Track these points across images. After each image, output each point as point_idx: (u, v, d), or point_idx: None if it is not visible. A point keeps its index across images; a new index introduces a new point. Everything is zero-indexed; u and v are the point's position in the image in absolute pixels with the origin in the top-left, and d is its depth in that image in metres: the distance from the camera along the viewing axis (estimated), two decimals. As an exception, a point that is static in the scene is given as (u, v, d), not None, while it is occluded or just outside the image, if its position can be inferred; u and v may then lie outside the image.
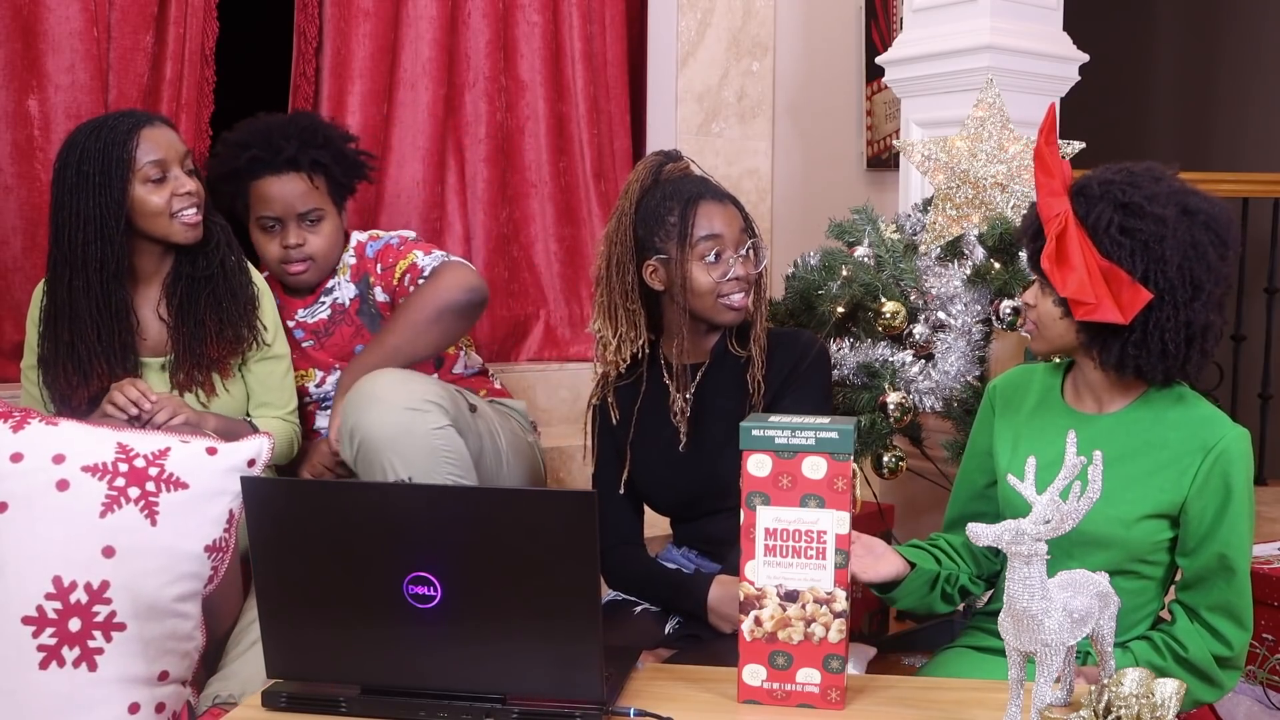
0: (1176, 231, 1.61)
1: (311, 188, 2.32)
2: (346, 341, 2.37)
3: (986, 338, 2.51)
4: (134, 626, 1.71)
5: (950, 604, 1.86)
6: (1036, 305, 1.74)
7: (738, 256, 1.96)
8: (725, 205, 1.98)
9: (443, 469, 2.06)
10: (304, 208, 2.31)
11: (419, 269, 2.29)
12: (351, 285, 2.38)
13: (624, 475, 2.06)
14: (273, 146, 2.30)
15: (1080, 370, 1.79)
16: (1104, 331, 1.65)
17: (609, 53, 3.64)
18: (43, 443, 1.76)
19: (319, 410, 2.41)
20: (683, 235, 1.94)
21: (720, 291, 1.95)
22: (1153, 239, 1.61)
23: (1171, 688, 1.32)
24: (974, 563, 1.87)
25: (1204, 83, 5.09)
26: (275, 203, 2.30)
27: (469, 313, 2.28)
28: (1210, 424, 1.69)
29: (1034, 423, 1.82)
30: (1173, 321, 1.62)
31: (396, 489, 1.87)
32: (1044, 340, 1.75)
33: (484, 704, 1.46)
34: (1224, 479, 1.66)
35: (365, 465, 2.08)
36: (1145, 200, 1.62)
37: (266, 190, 2.30)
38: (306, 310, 2.39)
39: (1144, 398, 1.74)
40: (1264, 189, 3.78)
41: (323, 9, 3.19)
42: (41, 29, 2.75)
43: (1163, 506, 1.69)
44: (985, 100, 2.57)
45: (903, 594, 1.77)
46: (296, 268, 2.33)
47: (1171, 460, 1.69)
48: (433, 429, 2.06)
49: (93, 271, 2.06)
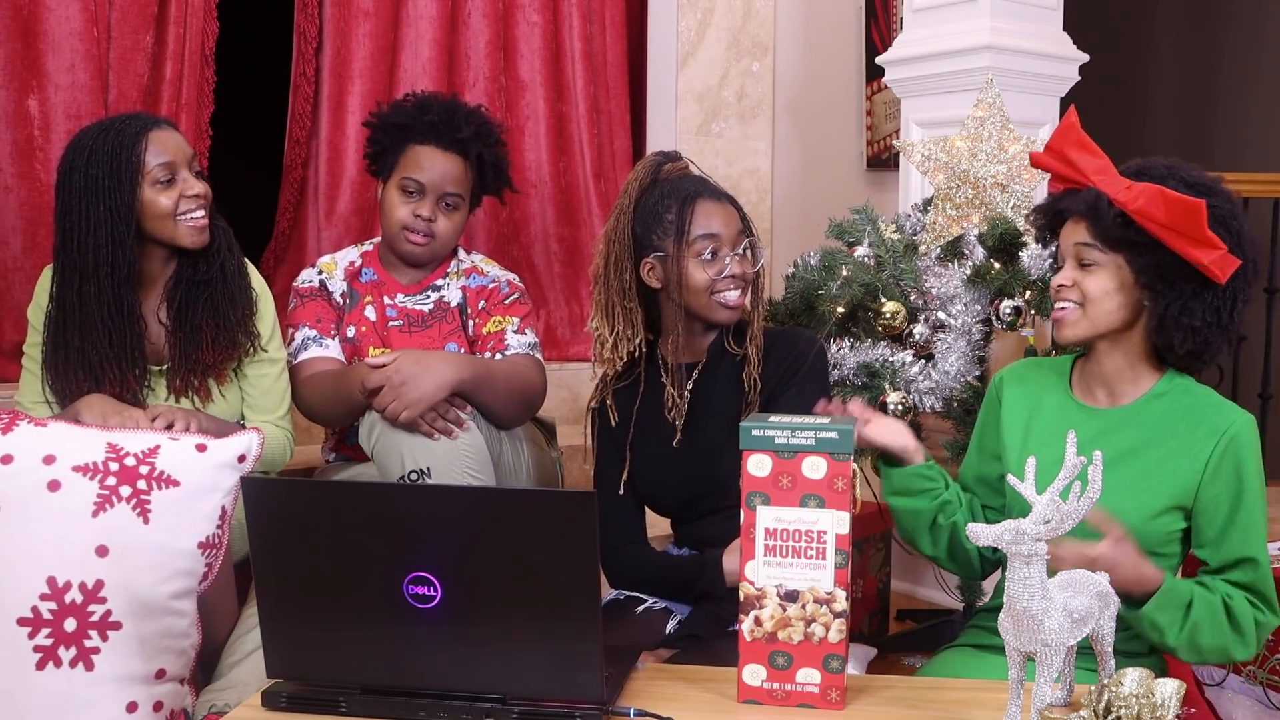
0: (1240, 210, 1.71)
1: (466, 174, 2.36)
2: (439, 338, 2.37)
3: (986, 338, 2.51)
4: (130, 625, 1.71)
5: (934, 544, 1.85)
6: (1078, 284, 1.74)
7: (734, 255, 1.96)
8: (723, 204, 1.99)
9: (462, 464, 2.07)
10: (451, 189, 2.33)
11: (504, 344, 2.32)
12: (459, 292, 2.40)
13: (624, 475, 2.06)
14: (453, 124, 2.34)
15: (1095, 363, 1.79)
16: (1185, 296, 1.68)
17: (609, 53, 3.64)
18: (33, 444, 1.76)
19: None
20: (679, 233, 1.95)
21: (715, 289, 1.96)
22: (1229, 215, 1.69)
23: (1171, 688, 1.32)
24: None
25: (1204, 83, 5.09)
26: (430, 172, 2.32)
27: (525, 417, 2.34)
28: (1220, 410, 1.73)
29: (1044, 418, 1.82)
30: (1243, 293, 1.71)
31: (396, 489, 1.87)
32: (1088, 321, 1.74)
33: (484, 704, 1.46)
34: (1235, 464, 1.69)
35: (383, 453, 2.09)
36: (1210, 182, 1.71)
37: (428, 159, 2.32)
38: (409, 297, 2.40)
39: (1154, 390, 1.76)
40: (1264, 189, 3.78)
41: (323, 9, 3.19)
42: (41, 29, 2.75)
43: (1177, 496, 1.71)
44: (985, 100, 2.57)
45: (901, 480, 1.78)
46: (417, 239, 2.33)
47: (1183, 449, 1.71)
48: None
49: (104, 276, 2.05)
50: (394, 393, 2.06)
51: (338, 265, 2.41)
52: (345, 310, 2.38)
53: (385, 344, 2.35)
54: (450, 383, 2.09)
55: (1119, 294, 1.72)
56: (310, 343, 2.31)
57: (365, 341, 2.35)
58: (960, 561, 1.88)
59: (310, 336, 2.32)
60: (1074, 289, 1.74)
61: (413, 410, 2.05)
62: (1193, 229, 1.64)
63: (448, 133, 2.33)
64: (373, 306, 2.37)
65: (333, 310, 2.37)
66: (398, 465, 2.07)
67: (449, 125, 2.33)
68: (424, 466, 2.05)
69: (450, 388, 2.10)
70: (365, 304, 2.38)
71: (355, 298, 2.38)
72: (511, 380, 2.24)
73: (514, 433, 2.29)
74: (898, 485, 1.79)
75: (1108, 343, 1.76)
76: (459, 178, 2.34)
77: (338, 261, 2.42)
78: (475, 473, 2.08)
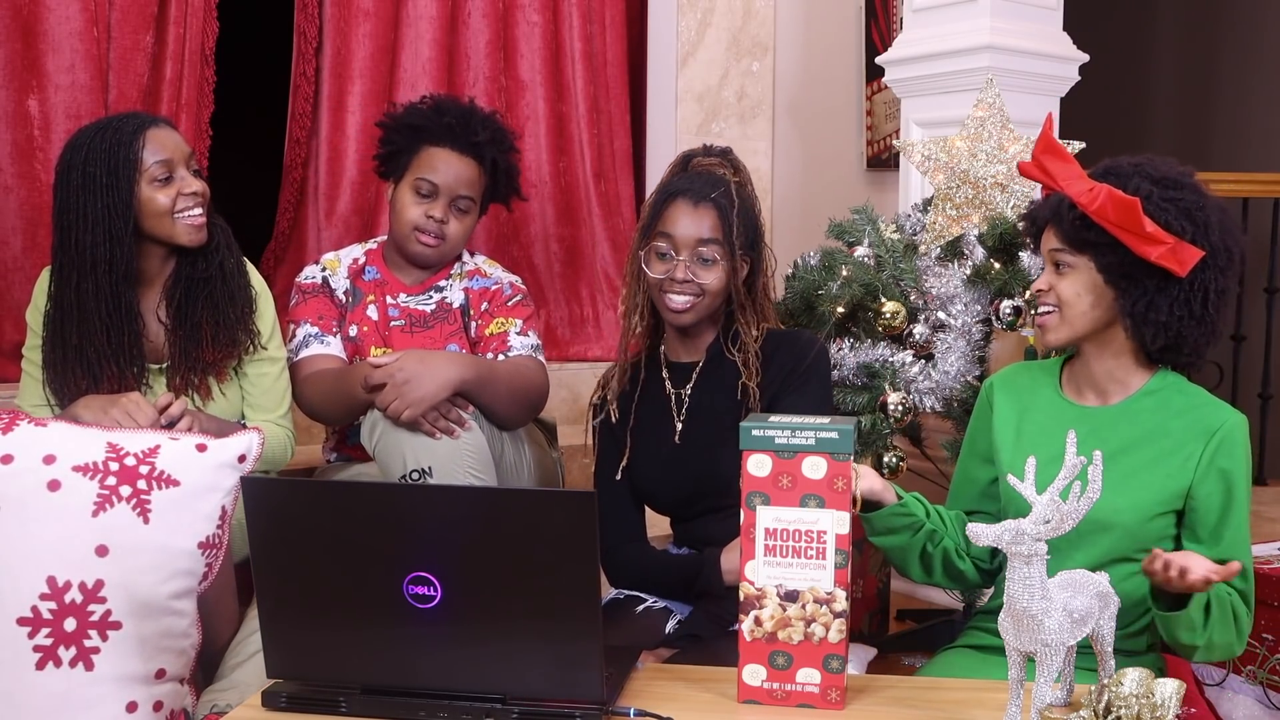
0: (1211, 201, 1.71)
1: (478, 178, 2.36)
2: (440, 339, 2.37)
3: (986, 338, 2.51)
4: (130, 625, 1.70)
5: (927, 572, 1.84)
6: (1053, 288, 1.76)
7: (686, 260, 1.96)
8: (699, 208, 1.98)
9: (464, 464, 2.07)
10: (463, 192, 2.34)
11: (507, 345, 2.33)
12: (462, 294, 2.40)
13: (625, 474, 2.06)
14: (469, 128, 2.35)
15: (1083, 361, 1.80)
16: (1150, 292, 1.69)
17: (609, 53, 3.64)
18: (33, 444, 1.76)
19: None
20: (646, 227, 2.00)
21: (663, 288, 1.98)
22: (1194, 206, 1.69)
23: (1171, 688, 1.32)
24: (965, 543, 1.87)
25: (1204, 83, 5.09)
26: (444, 174, 2.32)
27: (528, 418, 2.34)
28: (1211, 409, 1.73)
29: (1035, 419, 1.82)
30: (1214, 284, 1.70)
31: (396, 489, 1.87)
32: (1066, 325, 1.76)
33: (484, 704, 1.46)
34: (1227, 463, 1.69)
35: (385, 452, 2.09)
36: (1178, 175, 1.71)
37: (442, 161, 2.33)
38: (412, 297, 2.40)
39: (1146, 388, 1.76)
40: (1264, 189, 3.78)
41: (323, 9, 3.19)
42: (41, 29, 2.75)
43: (1169, 495, 1.71)
44: (985, 100, 2.57)
45: (880, 521, 1.76)
46: (428, 240, 2.33)
47: (1175, 448, 1.71)
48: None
49: (101, 274, 2.05)
50: (396, 391, 2.06)
51: (341, 263, 2.41)
52: (348, 308, 2.38)
53: (387, 344, 2.35)
54: (453, 382, 2.10)
55: (1091, 295, 1.73)
56: (312, 340, 2.31)
57: (367, 341, 2.35)
58: (958, 580, 1.88)
59: (312, 334, 2.32)
60: (1050, 293, 1.76)
61: (415, 409, 2.05)
62: (1133, 225, 1.66)
63: (464, 136, 2.34)
64: (375, 305, 2.37)
65: (335, 308, 2.36)
66: (399, 464, 2.07)
67: (465, 129, 2.34)
68: (426, 466, 2.05)
69: (453, 388, 2.10)
70: (368, 303, 2.38)
71: (358, 296, 2.38)
72: (514, 381, 2.24)
73: (515, 433, 2.29)
74: (878, 527, 1.78)
75: (1093, 344, 1.77)
76: (472, 181, 2.35)
77: (341, 259, 2.42)
78: (477, 472, 2.08)
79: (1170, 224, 1.67)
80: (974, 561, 1.86)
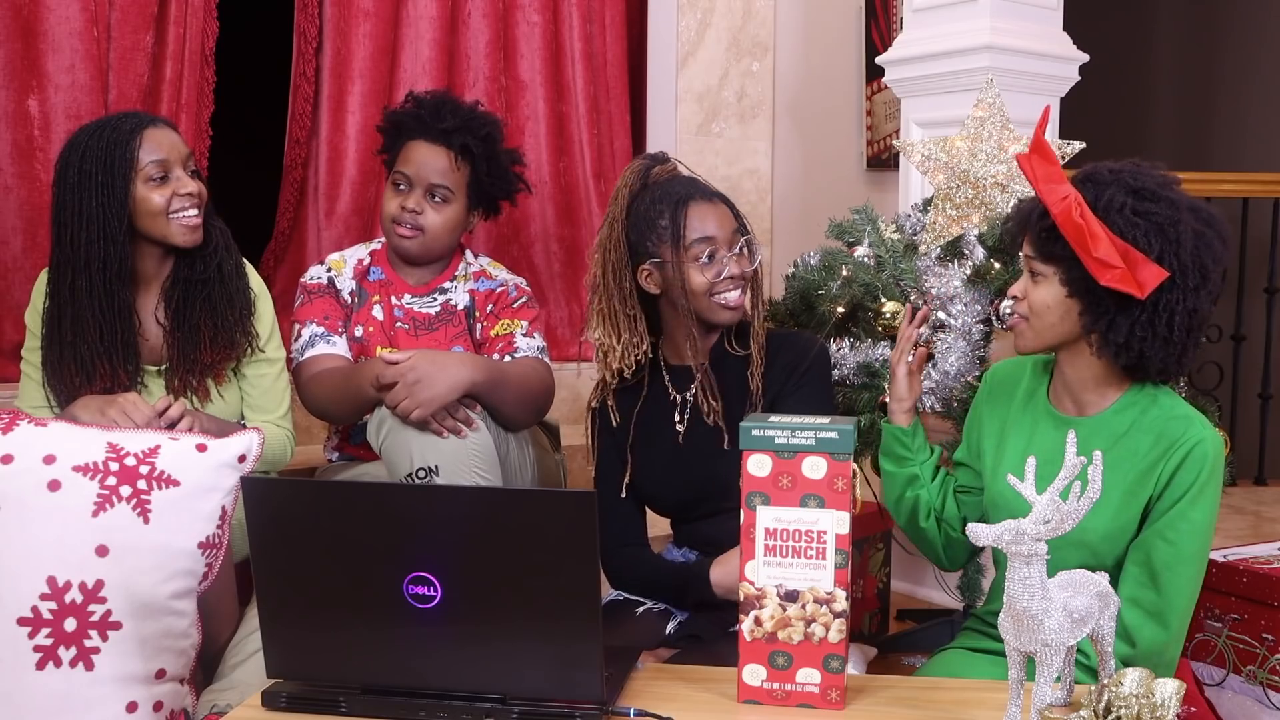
0: (1187, 219, 1.63)
1: (451, 167, 2.35)
2: (445, 340, 2.38)
3: (986, 338, 2.50)
4: (130, 625, 1.71)
5: (899, 514, 1.88)
6: (1026, 297, 1.73)
7: (731, 255, 1.97)
8: (715, 204, 1.99)
9: (470, 463, 2.07)
10: (436, 180, 2.33)
11: (513, 347, 2.33)
12: (467, 295, 2.40)
13: (626, 477, 2.06)
14: (437, 116, 2.35)
15: (1060, 371, 1.77)
16: (1111, 312, 1.64)
17: (609, 53, 3.64)
18: (33, 444, 1.76)
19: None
20: (675, 238, 1.95)
21: (715, 291, 1.96)
22: (1167, 222, 1.62)
23: (1171, 688, 1.32)
24: (940, 505, 1.90)
25: (1204, 83, 5.09)
26: (413, 165, 2.33)
27: (534, 420, 2.35)
28: (1184, 423, 1.68)
29: (1020, 416, 1.82)
30: (1182, 306, 1.63)
31: (397, 489, 1.88)
32: (1034, 333, 1.73)
33: (484, 704, 1.46)
34: (1188, 476, 1.64)
35: (391, 450, 2.09)
36: (1157, 186, 1.64)
37: (413, 152, 2.35)
38: (416, 298, 2.40)
39: (1119, 404, 1.72)
40: (1264, 189, 3.78)
41: (323, 9, 3.19)
42: (41, 29, 2.75)
43: (1136, 513, 1.68)
44: (985, 100, 2.57)
45: (888, 434, 1.83)
46: (404, 231, 2.33)
47: (1148, 469, 1.68)
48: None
49: (95, 271, 2.05)
50: (407, 390, 2.05)
51: (346, 263, 2.41)
52: (353, 309, 2.38)
53: (392, 345, 2.35)
54: (464, 384, 2.09)
55: (1059, 307, 1.68)
56: (317, 339, 2.31)
57: (373, 342, 2.35)
58: (920, 540, 1.91)
59: (317, 333, 2.32)
60: (1022, 301, 1.73)
61: (425, 409, 2.05)
62: (1082, 247, 1.61)
63: (433, 124, 2.34)
64: (380, 306, 2.38)
65: (340, 308, 2.37)
66: (406, 462, 2.07)
67: (435, 117, 2.35)
68: (432, 464, 2.05)
69: (464, 389, 2.10)
70: (373, 303, 2.38)
71: (364, 296, 2.38)
72: (523, 383, 2.24)
73: (520, 434, 2.29)
74: (884, 446, 1.82)
75: (1066, 355, 1.74)
76: (444, 169, 2.34)
77: (346, 259, 2.42)
78: (483, 472, 2.08)
79: (1138, 240, 1.60)
80: (946, 530, 1.88)
